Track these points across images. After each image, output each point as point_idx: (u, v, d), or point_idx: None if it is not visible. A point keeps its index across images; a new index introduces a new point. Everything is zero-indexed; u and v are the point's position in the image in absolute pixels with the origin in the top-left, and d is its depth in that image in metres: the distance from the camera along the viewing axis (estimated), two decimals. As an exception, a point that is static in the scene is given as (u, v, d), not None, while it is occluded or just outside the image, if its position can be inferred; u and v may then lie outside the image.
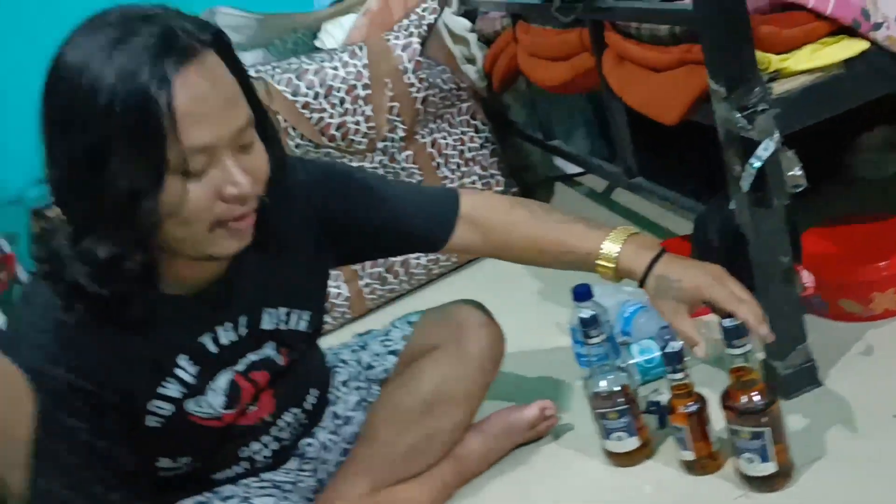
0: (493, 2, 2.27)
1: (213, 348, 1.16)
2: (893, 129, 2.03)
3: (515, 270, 2.25)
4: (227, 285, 1.15)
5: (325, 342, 1.50)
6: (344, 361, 1.51)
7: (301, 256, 1.25)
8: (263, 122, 1.08)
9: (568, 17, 1.67)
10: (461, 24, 2.40)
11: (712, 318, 1.24)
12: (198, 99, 0.93)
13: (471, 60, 2.40)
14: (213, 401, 1.16)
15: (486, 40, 2.39)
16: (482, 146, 2.29)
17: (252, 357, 1.21)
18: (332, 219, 1.27)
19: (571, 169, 2.71)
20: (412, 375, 1.41)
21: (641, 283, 1.21)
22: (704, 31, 1.25)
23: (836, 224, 1.68)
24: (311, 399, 1.35)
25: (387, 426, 1.38)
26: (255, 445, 1.27)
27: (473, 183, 2.27)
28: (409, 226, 1.32)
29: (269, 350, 1.23)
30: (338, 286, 2.10)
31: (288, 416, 1.30)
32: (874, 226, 1.63)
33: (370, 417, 1.42)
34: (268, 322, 1.22)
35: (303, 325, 1.27)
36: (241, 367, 1.20)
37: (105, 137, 0.92)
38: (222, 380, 1.18)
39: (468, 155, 2.26)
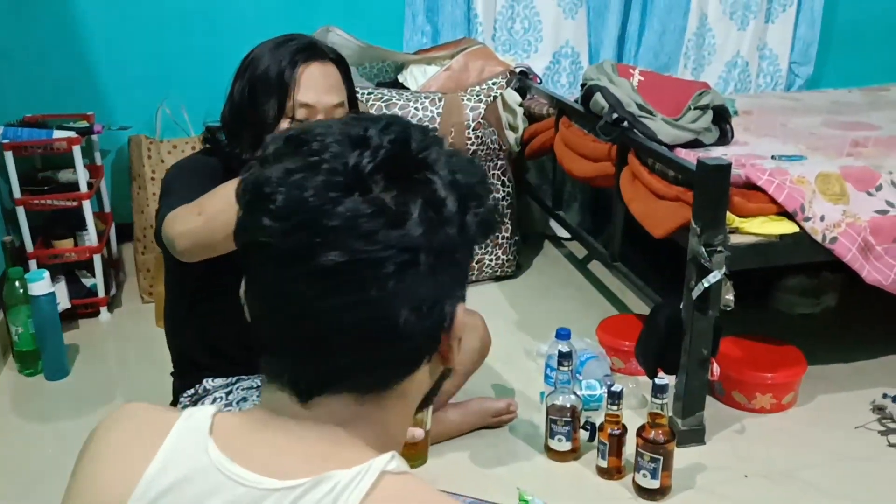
0: (548, 94, 2.84)
1: None
2: (808, 279, 2.65)
3: (500, 301, 2.83)
4: None
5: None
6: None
7: None
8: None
9: (607, 137, 2.25)
10: (514, 98, 2.97)
11: (644, 378, 1.81)
12: (311, 78, 1.54)
13: (513, 128, 2.96)
14: None
15: (530, 116, 2.96)
16: (503, 199, 2.85)
17: None
18: None
19: (562, 232, 3.29)
20: None
21: None
22: (698, 188, 1.84)
23: (749, 338, 2.28)
24: None
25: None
26: None
27: (489, 224, 2.83)
28: None
29: None
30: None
31: None
32: (773, 347, 2.23)
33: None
34: None
35: None
36: None
37: (259, 88, 1.54)
38: None
39: (492, 202, 2.81)
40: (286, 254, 0.61)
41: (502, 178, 2.85)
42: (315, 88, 1.54)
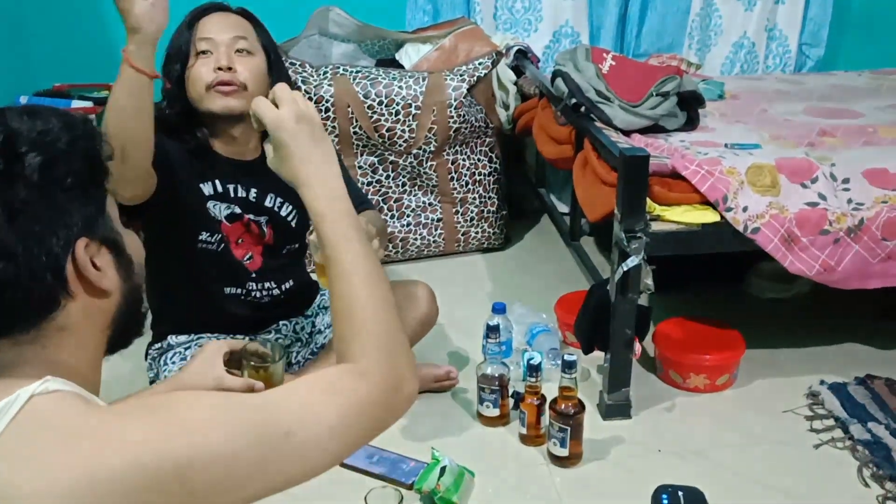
0: (533, 75, 2.93)
1: (231, 194, 1.87)
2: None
3: (482, 272, 2.96)
4: (252, 167, 1.86)
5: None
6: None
7: None
8: (278, 69, 1.88)
9: (562, 122, 2.34)
10: (508, 76, 3.08)
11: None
12: (210, 22, 1.80)
13: (505, 106, 3.07)
14: (217, 212, 1.87)
15: (523, 94, 3.05)
16: (489, 174, 2.97)
17: (250, 216, 1.91)
18: None
19: (562, 207, 3.38)
20: None
21: None
22: (620, 176, 1.93)
23: (696, 320, 2.35)
24: (286, 286, 2.02)
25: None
26: (240, 289, 1.94)
27: (473, 199, 2.95)
28: None
29: (262, 220, 1.92)
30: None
31: (267, 284, 1.98)
32: (716, 330, 2.31)
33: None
34: (268, 202, 1.91)
35: (291, 220, 1.96)
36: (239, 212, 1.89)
37: (171, 45, 1.81)
38: (223, 208, 1.87)
39: (477, 178, 2.94)
40: None
41: (489, 154, 2.96)
42: (212, 27, 1.79)
